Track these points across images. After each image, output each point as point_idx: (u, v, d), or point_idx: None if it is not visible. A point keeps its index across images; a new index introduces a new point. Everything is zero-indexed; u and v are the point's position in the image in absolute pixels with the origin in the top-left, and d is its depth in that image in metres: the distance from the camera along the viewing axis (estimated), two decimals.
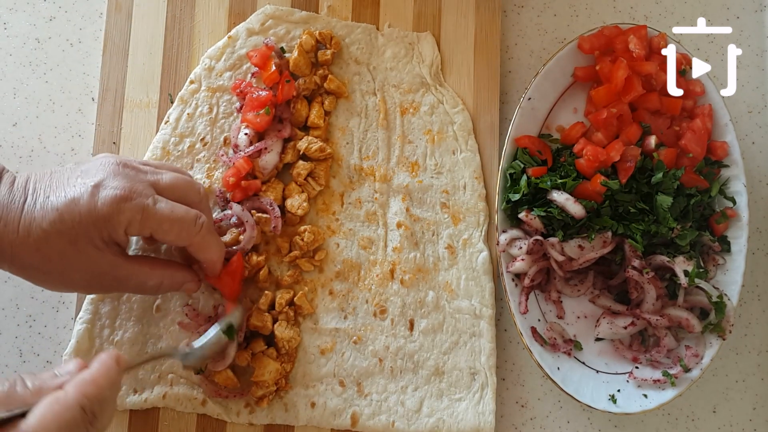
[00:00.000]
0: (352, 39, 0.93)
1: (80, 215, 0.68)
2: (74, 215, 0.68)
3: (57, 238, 0.68)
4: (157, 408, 0.85)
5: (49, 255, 0.69)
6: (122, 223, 0.70)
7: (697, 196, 0.85)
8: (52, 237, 0.68)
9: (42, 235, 0.68)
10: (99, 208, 0.69)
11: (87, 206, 0.68)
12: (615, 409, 0.81)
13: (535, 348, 0.83)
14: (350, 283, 0.87)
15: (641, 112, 0.88)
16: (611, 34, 0.88)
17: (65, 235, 0.68)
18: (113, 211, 0.69)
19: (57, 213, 0.68)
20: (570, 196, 0.83)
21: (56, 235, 0.68)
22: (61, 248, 0.69)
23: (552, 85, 0.89)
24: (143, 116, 0.92)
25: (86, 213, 0.68)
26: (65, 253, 0.69)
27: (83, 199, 0.69)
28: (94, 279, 0.73)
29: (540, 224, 0.84)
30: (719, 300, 0.82)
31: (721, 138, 0.87)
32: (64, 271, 0.71)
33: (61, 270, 0.71)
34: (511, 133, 0.86)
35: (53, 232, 0.68)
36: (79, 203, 0.68)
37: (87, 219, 0.68)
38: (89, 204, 0.69)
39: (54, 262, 0.69)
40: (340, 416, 0.84)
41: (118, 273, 0.73)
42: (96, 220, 0.69)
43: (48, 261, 0.69)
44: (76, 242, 0.69)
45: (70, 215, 0.68)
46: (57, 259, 0.69)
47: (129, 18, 0.94)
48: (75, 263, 0.70)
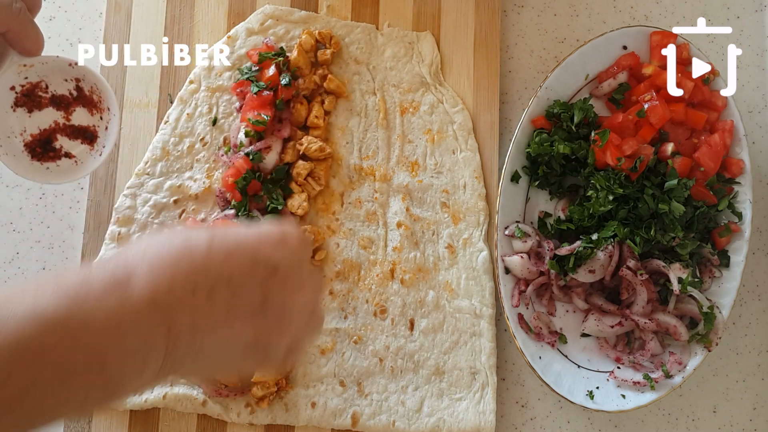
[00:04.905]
0: (352, 39, 0.93)
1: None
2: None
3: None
4: (158, 408, 0.84)
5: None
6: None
7: (703, 207, 0.85)
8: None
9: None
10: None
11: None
12: (591, 405, 0.81)
13: (520, 335, 0.83)
14: (350, 283, 0.87)
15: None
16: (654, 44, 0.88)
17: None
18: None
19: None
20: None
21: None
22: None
23: (572, 77, 0.89)
24: (143, 116, 0.92)
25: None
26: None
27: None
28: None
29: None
30: (710, 311, 0.82)
31: (734, 153, 0.87)
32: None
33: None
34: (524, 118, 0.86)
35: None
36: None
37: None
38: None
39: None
40: (341, 416, 0.84)
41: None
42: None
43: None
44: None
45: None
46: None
47: (128, 18, 0.93)
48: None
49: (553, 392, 0.82)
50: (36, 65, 0.75)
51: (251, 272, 0.53)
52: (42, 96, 0.78)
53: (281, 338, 0.56)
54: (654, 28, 0.88)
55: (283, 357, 0.58)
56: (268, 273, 0.53)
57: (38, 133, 0.79)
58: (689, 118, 0.86)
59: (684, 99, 0.86)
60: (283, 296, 0.55)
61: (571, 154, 0.86)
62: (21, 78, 0.76)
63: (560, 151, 0.85)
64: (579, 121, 0.86)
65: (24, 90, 0.77)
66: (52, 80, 0.78)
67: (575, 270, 0.83)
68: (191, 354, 0.51)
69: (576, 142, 0.86)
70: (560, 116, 0.87)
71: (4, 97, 0.76)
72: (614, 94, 0.89)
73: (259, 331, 0.54)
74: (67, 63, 0.77)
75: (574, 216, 0.85)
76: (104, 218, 0.88)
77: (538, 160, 0.87)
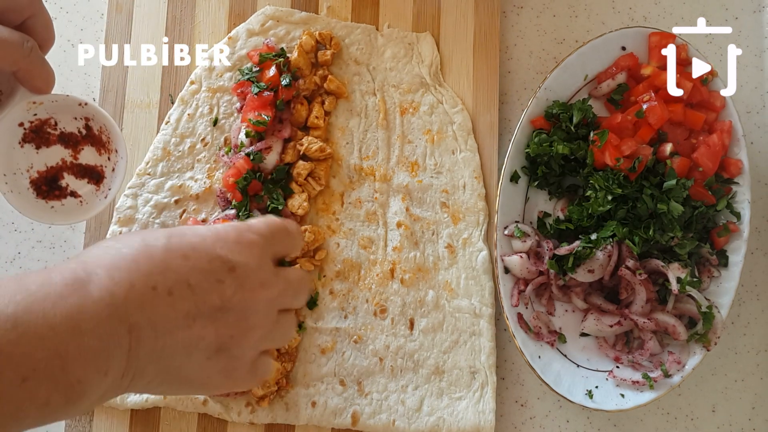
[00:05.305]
0: (352, 39, 0.93)
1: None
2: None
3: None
4: (158, 408, 0.85)
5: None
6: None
7: (701, 207, 0.85)
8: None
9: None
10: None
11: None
12: (590, 404, 0.81)
13: (519, 334, 0.83)
14: (350, 283, 0.88)
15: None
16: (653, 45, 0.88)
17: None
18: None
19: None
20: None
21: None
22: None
23: (571, 78, 0.90)
24: (144, 117, 0.92)
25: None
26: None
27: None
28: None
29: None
30: (708, 310, 0.83)
31: (732, 153, 0.87)
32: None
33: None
34: (524, 119, 0.87)
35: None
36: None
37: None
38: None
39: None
40: (341, 415, 0.84)
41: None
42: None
43: None
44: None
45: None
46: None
47: (129, 18, 0.94)
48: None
49: (552, 391, 0.82)
50: (46, 102, 0.75)
51: (209, 271, 0.53)
52: (51, 133, 0.77)
53: (245, 340, 0.55)
54: (653, 29, 0.88)
55: (253, 362, 0.57)
56: (226, 272, 0.53)
57: (45, 170, 0.78)
58: (688, 119, 0.87)
59: (683, 99, 0.86)
60: (243, 295, 0.54)
61: (570, 154, 0.86)
62: (30, 114, 0.76)
63: (559, 152, 0.85)
64: (578, 122, 0.86)
65: (32, 126, 0.77)
66: (61, 118, 0.77)
67: (574, 270, 0.83)
68: (154, 356, 0.51)
69: (575, 143, 0.86)
70: (559, 117, 0.87)
71: (13, 132, 0.76)
72: (613, 95, 0.89)
73: (221, 332, 0.53)
74: (78, 102, 0.76)
75: (573, 216, 0.85)
76: (105, 218, 0.88)
77: (537, 161, 0.88)
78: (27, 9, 0.67)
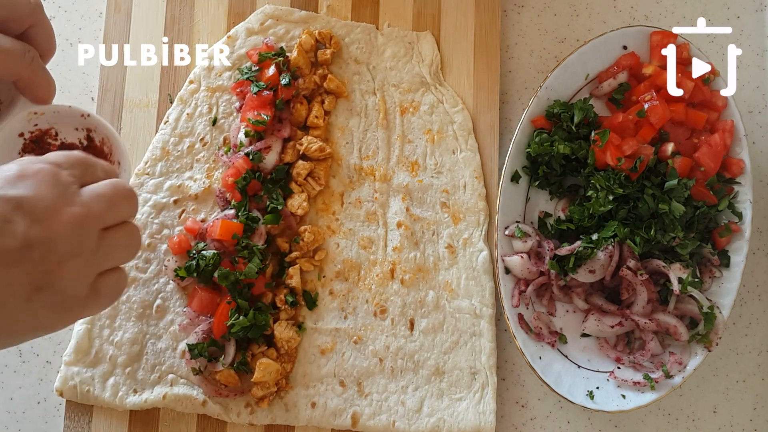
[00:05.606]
0: (352, 38, 0.93)
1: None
2: None
3: None
4: (158, 408, 0.84)
5: None
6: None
7: (703, 207, 0.85)
8: None
9: None
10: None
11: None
12: (592, 405, 0.81)
13: (520, 335, 0.83)
14: (350, 283, 0.87)
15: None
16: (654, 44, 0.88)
17: None
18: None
19: None
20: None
21: None
22: None
23: (572, 77, 0.89)
24: (142, 116, 0.92)
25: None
26: None
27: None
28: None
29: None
30: (710, 311, 0.82)
31: (734, 153, 0.86)
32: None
33: None
34: (525, 118, 0.86)
35: None
36: None
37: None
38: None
39: None
40: (341, 416, 0.84)
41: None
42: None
43: None
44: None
45: None
46: None
47: (128, 18, 0.93)
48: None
49: (553, 392, 0.82)
50: (47, 113, 0.74)
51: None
52: (51, 143, 0.76)
53: (64, 271, 0.54)
54: (654, 28, 0.88)
55: (92, 286, 0.56)
56: (10, 210, 0.52)
57: None
58: (689, 118, 0.86)
59: (684, 99, 0.86)
60: (41, 227, 0.53)
61: (571, 154, 0.86)
62: (30, 125, 0.75)
63: (560, 151, 0.85)
64: (579, 121, 0.86)
65: (33, 136, 0.76)
66: (62, 128, 0.76)
67: (575, 270, 0.83)
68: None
69: (576, 142, 0.86)
70: (560, 116, 0.87)
71: (13, 143, 0.74)
72: (614, 94, 0.89)
73: (31, 270, 0.52)
74: (80, 113, 0.75)
75: (574, 216, 0.85)
76: None
77: (538, 160, 0.87)
78: (28, 18, 0.66)
